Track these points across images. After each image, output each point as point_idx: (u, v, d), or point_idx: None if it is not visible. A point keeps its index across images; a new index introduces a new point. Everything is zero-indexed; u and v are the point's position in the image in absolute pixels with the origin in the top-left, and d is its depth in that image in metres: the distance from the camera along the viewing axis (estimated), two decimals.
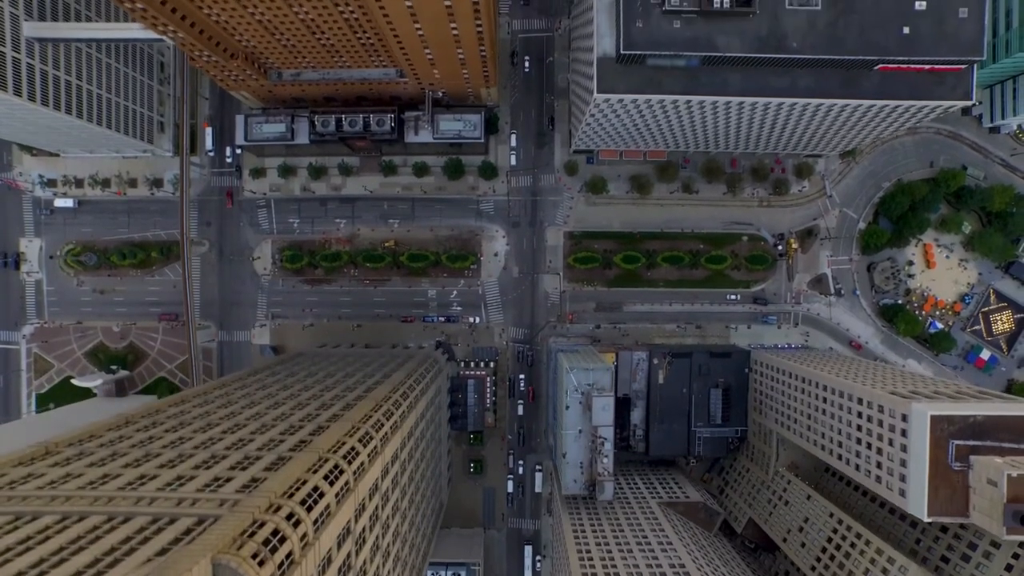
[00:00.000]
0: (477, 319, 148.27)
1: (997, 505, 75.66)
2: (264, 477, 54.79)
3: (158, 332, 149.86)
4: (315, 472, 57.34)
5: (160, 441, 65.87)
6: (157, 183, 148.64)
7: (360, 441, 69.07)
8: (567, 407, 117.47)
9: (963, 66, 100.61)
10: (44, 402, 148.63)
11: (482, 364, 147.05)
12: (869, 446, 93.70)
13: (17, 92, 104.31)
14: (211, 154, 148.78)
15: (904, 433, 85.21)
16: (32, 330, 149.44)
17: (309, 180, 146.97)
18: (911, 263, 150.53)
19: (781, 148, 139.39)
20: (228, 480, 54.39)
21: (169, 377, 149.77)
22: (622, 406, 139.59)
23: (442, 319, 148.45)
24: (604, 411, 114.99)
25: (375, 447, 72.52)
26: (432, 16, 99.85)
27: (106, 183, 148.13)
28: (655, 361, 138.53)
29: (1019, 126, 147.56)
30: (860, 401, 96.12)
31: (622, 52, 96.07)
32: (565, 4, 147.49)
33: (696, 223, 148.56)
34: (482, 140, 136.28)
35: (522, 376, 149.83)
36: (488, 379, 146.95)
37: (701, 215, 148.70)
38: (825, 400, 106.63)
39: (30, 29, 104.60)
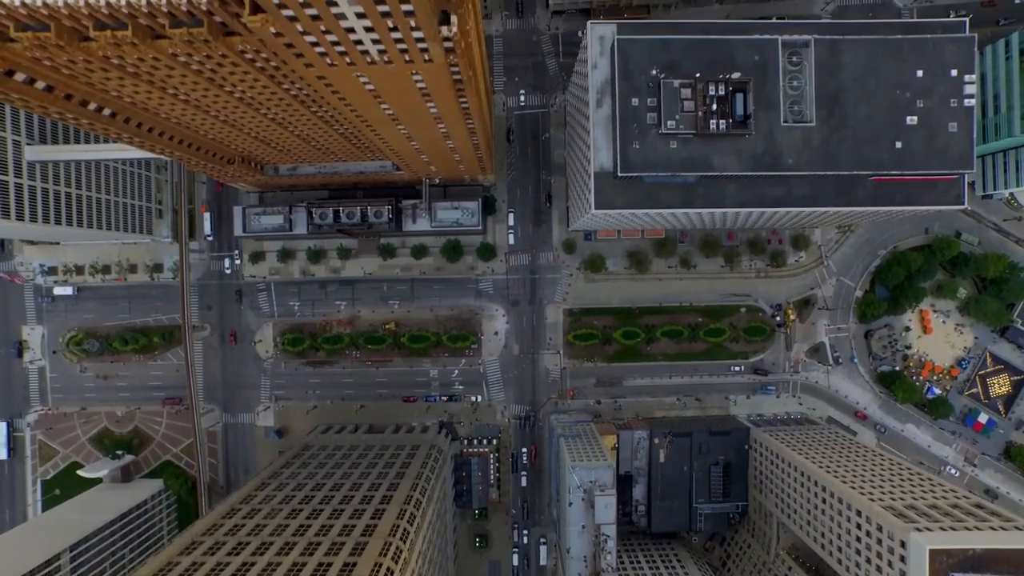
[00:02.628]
0: (479, 397, 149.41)
1: None
2: None
3: (162, 416, 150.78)
4: None
5: None
6: (157, 268, 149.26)
7: None
8: (570, 504, 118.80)
9: (955, 176, 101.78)
10: (49, 488, 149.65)
11: (485, 442, 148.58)
12: (868, 560, 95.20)
13: (20, 217, 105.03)
14: (210, 238, 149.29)
15: (903, 559, 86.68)
16: (36, 417, 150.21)
17: (308, 263, 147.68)
18: (908, 329, 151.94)
19: (779, 226, 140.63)
20: None
21: (175, 460, 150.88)
22: (624, 483, 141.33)
23: (444, 398, 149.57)
24: (607, 509, 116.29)
25: None
26: (429, 139, 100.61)
27: (106, 270, 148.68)
28: (656, 441, 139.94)
29: (1011, 193, 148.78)
30: (859, 513, 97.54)
31: (619, 175, 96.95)
32: (560, 79, 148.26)
33: (694, 296, 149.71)
34: (480, 228, 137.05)
35: (524, 449, 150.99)
36: (491, 456, 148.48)
37: (699, 288, 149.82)
38: (824, 501, 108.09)
39: (31, 153, 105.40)
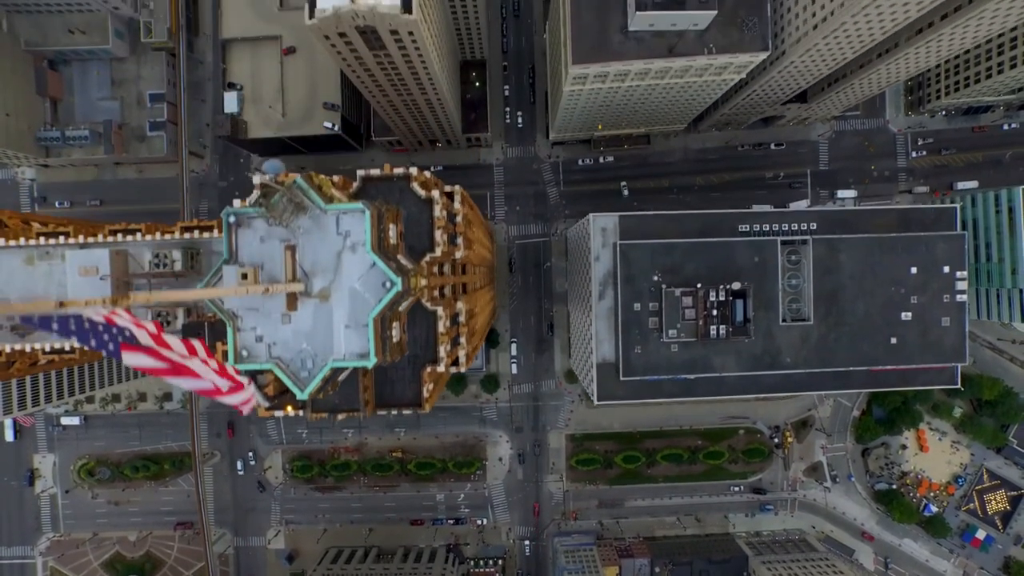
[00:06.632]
0: (485, 520, 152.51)
1: None
2: None
3: (174, 540, 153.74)
4: None
5: None
6: (166, 397, 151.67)
7: None
8: None
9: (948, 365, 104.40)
10: None
11: (491, 563, 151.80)
12: None
13: (36, 403, 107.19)
14: None
15: None
16: (47, 544, 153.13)
17: None
18: (904, 447, 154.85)
19: None
20: None
21: None
22: None
23: (451, 521, 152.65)
24: None
25: None
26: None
27: (116, 399, 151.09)
28: (657, 569, 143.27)
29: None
30: None
31: (623, 378, 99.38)
32: (561, 208, 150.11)
33: (694, 419, 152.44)
34: (484, 370, 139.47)
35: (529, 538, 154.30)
36: None
37: (699, 411, 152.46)
38: None
39: None
